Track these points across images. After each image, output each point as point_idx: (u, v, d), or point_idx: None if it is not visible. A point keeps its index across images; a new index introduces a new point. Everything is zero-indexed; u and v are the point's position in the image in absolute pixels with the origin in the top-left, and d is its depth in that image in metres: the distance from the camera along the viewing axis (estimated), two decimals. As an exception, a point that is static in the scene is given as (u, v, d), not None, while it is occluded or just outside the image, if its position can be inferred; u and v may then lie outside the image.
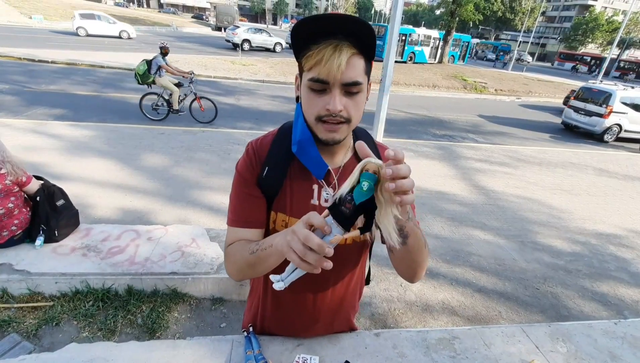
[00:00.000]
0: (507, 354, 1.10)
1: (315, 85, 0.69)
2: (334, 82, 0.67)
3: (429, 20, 54.12)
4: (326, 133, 0.73)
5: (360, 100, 0.72)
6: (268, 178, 0.83)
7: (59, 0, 30.68)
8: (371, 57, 0.71)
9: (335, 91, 0.68)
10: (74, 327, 2.07)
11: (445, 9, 23.75)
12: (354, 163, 0.86)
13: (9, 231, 2.24)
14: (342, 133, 0.74)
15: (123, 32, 18.78)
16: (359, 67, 0.69)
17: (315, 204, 0.83)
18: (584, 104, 9.43)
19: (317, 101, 0.71)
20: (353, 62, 0.67)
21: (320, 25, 0.65)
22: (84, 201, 3.40)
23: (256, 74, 12.70)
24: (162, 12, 48.61)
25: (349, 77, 0.67)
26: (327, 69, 0.65)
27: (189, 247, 2.57)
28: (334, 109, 0.68)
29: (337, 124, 0.72)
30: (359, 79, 0.69)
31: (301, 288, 0.92)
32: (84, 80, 9.12)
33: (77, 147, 4.70)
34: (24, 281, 2.14)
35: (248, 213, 0.85)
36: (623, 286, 3.17)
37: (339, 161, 0.85)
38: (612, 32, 44.30)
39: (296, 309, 0.96)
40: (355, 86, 0.69)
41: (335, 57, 0.65)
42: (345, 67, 0.66)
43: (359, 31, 0.65)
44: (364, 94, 0.73)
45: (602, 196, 5.19)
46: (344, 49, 0.65)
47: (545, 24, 66.78)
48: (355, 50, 0.67)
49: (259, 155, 0.84)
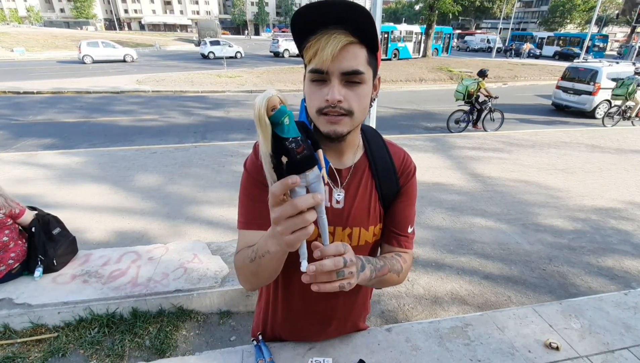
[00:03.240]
0: (521, 336, 1.09)
1: (314, 76, 0.68)
2: (332, 72, 0.65)
3: (410, 16, 54.70)
4: (328, 125, 0.70)
5: (362, 92, 0.69)
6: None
7: (39, 31, 30.65)
8: (374, 49, 0.68)
9: (334, 81, 0.66)
10: (81, 356, 2.02)
11: (424, 3, 24.00)
12: (366, 162, 0.84)
13: (5, 266, 2.19)
14: (344, 126, 0.70)
15: (127, 55, 19.88)
16: (360, 57, 0.66)
17: (327, 207, 0.79)
18: (572, 84, 9.54)
19: (317, 93, 0.69)
20: (352, 51, 0.65)
21: (314, 13, 0.62)
22: (80, 227, 3.36)
23: (243, 85, 12.73)
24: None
25: (348, 65, 0.65)
26: (323, 58, 0.63)
27: (191, 263, 2.53)
28: (332, 98, 0.66)
29: (338, 116, 0.69)
30: (360, 68, 0.66)
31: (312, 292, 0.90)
32: (71, 107, 9.09)
33: (69, 174, 4.65)
34: (25, 315, 2.10)
35: (260, 213, 0.78)
36: (628, 258, 3.18)
37: (348, 161, 0.82)
38: (589, 11, 45.02)
39: (308, 313, 0.94)
40: (356, 76, 0.66)
41: (329, 45, 0.62)
42: (342, 55, 0.64)
43: (355, 18, 0.62)
44: (368, 86, 0.70)
45: (598, 172, 5.22)
46: (338, 37, 0.63)
47: (524, 9, 67.75)
48: (353, 39, 0.64)
49: None
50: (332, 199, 0.80)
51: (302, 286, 0.91)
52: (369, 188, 0.83)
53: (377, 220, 0.85)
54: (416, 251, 3.16)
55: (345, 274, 0.62)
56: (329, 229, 0.72)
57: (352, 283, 0.64)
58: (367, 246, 0.85)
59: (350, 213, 0.81)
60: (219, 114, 8.89)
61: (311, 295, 0.92)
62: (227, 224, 3.53)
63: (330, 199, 0.80)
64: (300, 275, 0.90)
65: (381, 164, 0.84)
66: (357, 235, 0.82)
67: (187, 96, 11.16)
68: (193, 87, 11.99)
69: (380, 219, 0.86)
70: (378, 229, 0.86)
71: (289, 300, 0.93)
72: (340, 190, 0.80)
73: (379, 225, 0.86)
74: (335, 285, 0.61)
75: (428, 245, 3.31)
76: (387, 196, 0.85)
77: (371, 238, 0.85)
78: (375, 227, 0.85)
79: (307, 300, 0.92)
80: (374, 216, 0.84)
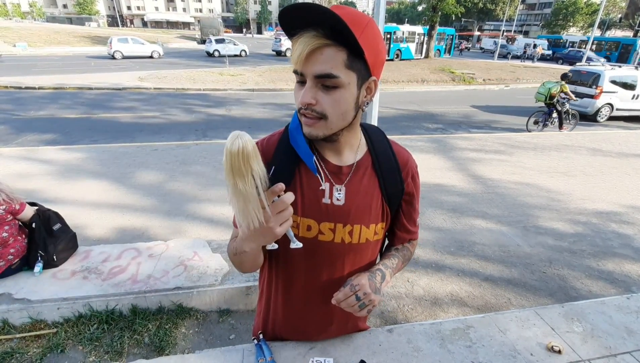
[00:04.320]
0: (523, 339, 1.08)
1: (297, 77, 0.69)
2: (306, 74, 0.66)
3: (412, 17, 54.66)
4: (305, 127, 0.72)
5: (338, 96, 0.67)
6: (274, 178, 0.81)
7: (42, 27, 30.65)
8: (357, 51, 0.64)
9: (308, 83, 0.67)
10: (80, 352, 2.02)
11: (426, 4, 23.99)
12: (369, 160, 0.84)
13: (5, 261, 2.19)
14: (318, 129, 0.70)
15: (154, 52, 20.67)
16: (335, 60, 0.64)
17: (327, 204, 0.80)
18: (574, 87, 9.52)
19: (297, 94, 0.70)
20: (327, 53, 0.63)
21: (287, 17, 0.63)
22: (81, 224, 3.36)
23: (245, 83, 12.72)
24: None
25: (319, 69, 0.64)
26: (297, 60, 0.65)
27: (192, 260, 2.53)
28: (302, 100, 0.67)
29: (312, 118, 0.69)
30: (333, 71, 0.64)
31: (313, 289, 0.91)
32: (72, 103, 9.08)
33: (70, 170, 4.65)
34: (24, 310, 2.09)
35: None
36: (628, 262, 3.17)
37: (349, 158, 0.82)
38: (591, 14, 44.95)
39: (308, 313, 0.93)
40: (328, 79, 0.65)
41: (299, 46, 0.63)
42: (314, 58, 0.64)
43: (324, 21, 0.61)
44: (347, 91, 0.67)
45: (599, 175, 5.21)
46: (308, 39, 0.62)
47: (527, 12, 67.64)
48: (327, 41, 0.63)
49: (265, 154, 0.82)
50: (332, 196, 0.80)
51: (303, 287, 0.92)
52: (371, 186, 0.82)
53: (379, 218, 0.84)
54: (416, 252, 3.15)
55: (365, 303, 0.76)
56: (329, 225, 0.81)
57: (376, 304, 0.78)
58: (367, 244, 0.85)
59: (351, 210, 0.81)
60: (220, 112, 8.88)
61: (312, 296, 0.93)
62: (227, 222, 3.53)
63: (331, 196, 0.80)
64: (300, 275, 0.91)
65: (385, 162, 0.84)
66: (358, 232, 0.82)
67: (188, 94, 11.15)
68: (195, 84, 11.99)
69: (384, 218, 0.85)
70: (380, 227, 0.85)
71: (290, 300, 0.92)
72: (341, 187, 0.80)
73: (380, 224, 0.85)
74: (364, 312, 0.77)
75: (428, 246, 3.30)
76: (392, 194, 0.84)
77: (372, 236, 0.84)
78: (377, 225, 0.84)
79: (308, 301, 0.91)
80: (376, 214, 0.83)
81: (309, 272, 0.86)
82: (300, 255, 0.82)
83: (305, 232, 0.80)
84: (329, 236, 0.81)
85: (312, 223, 0.80)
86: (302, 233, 0.80)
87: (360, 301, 0.75)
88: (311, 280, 0.87)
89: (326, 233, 0.81)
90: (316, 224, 0.80)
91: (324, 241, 0.81)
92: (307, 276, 0.87)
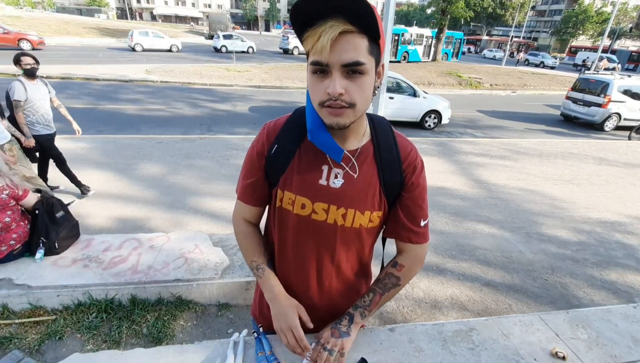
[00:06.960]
0: (526, 343, 1.06)
1: (315, 68, 0.67)
2: (332, 64, 0.65)
3: (421, 20, 54.50)
4: (330, 117, 0.70)
5: (364, 83, 0.68)
6: (276, 155, 0.84)
7: (51, 17, 30.80)
8: (375, 37, 0.67)
9: (335, 74, 0.65)
10: (78, 340, 2.02)
11: (436, 7, 23.85)
12: (371, 147, 0.84)
13: (7, 246, 2.19)
14: (346, 117, 0.70)
15: (173, 45, 21.35)
16: (360, 47, 0.64)
17: (323, 185, 0.81)
18: (582, 95, 9.45)
19: (319, 85, 0.68)
20: (352, 42, 0.63)
21: (311, 4, 0.61)
22: (83, 212, 3.36)
23: (251, 80, 12.71)
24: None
25: (348, 57, 0.64)
26: (319, 47, 0.63)
27: (192, 253, 2.53)
28: (334, 92, 0.65)
29: (340, 108, 0.68)
30: (361, 59, 0.65)
31: (312, 292, 0.93)
32: (79, 93, 9.11)
33: (74, 160, 4.64)
34: (24, 296, 2.10)
35: (250, 191, 0.90)
36: (632, 273, 3.14)
37: (352, 144, 0.83)
38: (602, 23, 44.60)
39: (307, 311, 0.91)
40: (357, 66, 0.65)
41: (326, 33, 0.62)
42: (341, 47, 0.63)
43: (351, 7, 0.61)
44: (370, 77, 0.69)
45: (604, 185, 5.17)
46: (335, 25, 0.61)
47: (536, 18, 67.24)
48: (352, 28, 0.62)
49: (271, 134, 0.86)
50: (330, 178, 0.81)
51: (304, 287, 0.92)
52: (369, 174, 0.83)
53: (375, 207, 0.84)
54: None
55: (335, 351, 0.87)
56: (323, 206, 0.82)
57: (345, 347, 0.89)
58: (360, 229, 0.85)
59: (347, 194, 0.82)
60: (225, 107, 8.89)
61: (311, 295, 0.93)
62: (229, 217, 3.52)
63: (328, 178, 0.81)
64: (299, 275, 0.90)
65: (385, 152, 0.84)
66: (352, 216, 0.83)
67: (194, 88, 11.17)
68: (201, 79, 11.99)
69: (380, 207, 0.85)
70: (376, 216, 0.85)
71: (281, 271, 0.95)
72: (339, 171, 0.81)
73: (376, 212, 0.85)
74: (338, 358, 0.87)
75: (430, 249, 3.28)
76: (390, 185, 0.84)
77: (366, 223, 0.85)
78: (372, 214, 0.84)
79: (308, 301, 0.93)
80: (372, 202, 0.84)
81: (299, 247, 0.89)
82: (292, 229, 0.86)
83: (300, 209, 0.84)
84: (322, 216, 0.83)
85: (307, 201, 0.82)
86: (297, 210, 0.83)
87: (327, 351, 0.85)
88: (301, 255, 0.89)
89: (319, 213, 0.83)
90: (310, 203, 0.82)
91: (316, 220, 0.83)
92: (295, 250, 0.89)
